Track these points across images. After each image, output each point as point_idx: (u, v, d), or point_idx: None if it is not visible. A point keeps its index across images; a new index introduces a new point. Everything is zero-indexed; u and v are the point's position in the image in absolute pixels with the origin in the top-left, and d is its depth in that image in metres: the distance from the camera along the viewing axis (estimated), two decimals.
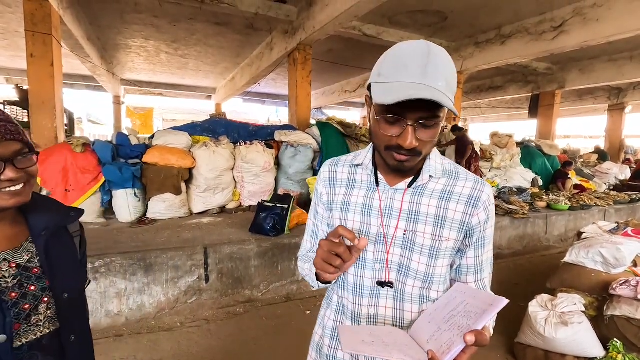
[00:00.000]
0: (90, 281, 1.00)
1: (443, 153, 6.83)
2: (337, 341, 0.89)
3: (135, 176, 3.99)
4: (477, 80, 11.28)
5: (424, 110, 0.67)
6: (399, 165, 0.74)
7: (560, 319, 2.24)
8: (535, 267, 4.53)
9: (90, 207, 3.87)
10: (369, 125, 0.81)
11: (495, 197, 5.63)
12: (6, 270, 0.76)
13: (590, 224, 3.27)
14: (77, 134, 13.58)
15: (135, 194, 4.00)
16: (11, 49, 8.42)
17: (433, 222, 0.79)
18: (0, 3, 5.77)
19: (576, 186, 7.05)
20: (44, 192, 3.76)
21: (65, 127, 5.42)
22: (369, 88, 0.77)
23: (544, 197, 6.00)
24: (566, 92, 10.74)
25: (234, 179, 4.71)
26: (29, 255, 0.80)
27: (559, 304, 2.32)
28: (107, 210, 4.08)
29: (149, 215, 4.11)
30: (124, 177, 3.89)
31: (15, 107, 4.89)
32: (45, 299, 0.79)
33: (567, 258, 2.74)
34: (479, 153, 6.39)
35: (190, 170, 4.38)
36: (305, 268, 0.93)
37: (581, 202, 5.82)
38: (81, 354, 0.87)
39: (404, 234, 0.80)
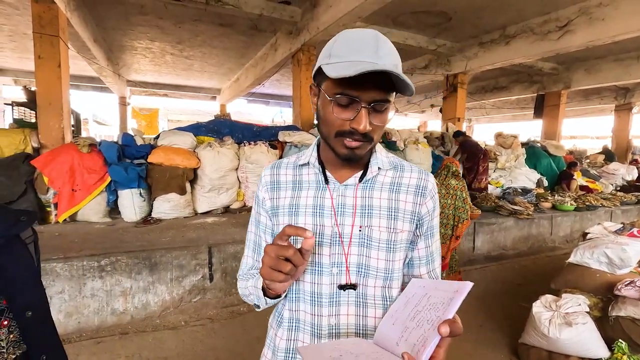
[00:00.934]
0: (44, 289, 0.86)
1: (447, 153, 6.82)
2: None
3: (141, 176, 4.03)
4: (481, 81, 11.22)
5: (377, 92, 0.66)
6: (350, 153, 0.72)
7: (564, 320, 2.24)
8: (539, 268, 4.50)
9: (96, 206, 3.92)
10: (315, 114, 0.77)
11: (500, 198, 5.61)
12: None
13: (596, 224, 3.25)
14: (84, 134, 13.72)
15: (140, 193, 4.04)
16: (19, 51, 8.53)
17: (387, 214, 0.78)
18: (9, 6, 5.85)
19: (582, 187, 7.00)
20: (50, 192, 3.81)
21: (72, 128, 5.49)
22: (315, 76, 0.75)
23: (549, 197, 5.96)
24: (572, 92, 10.65)
25: (238, 179, 4.73)
26: None
27: (563, 304, 2.31)
28: (113, 209, 4.13)
29: (153, 214, 4.14)
30: (129, 177, 3.93)
31: (23, 108, 4.95)
32: (5, 322, 0.69)
33: (572, 258, 2.72)
34: (486, 153, 6.36)
35: (194, 170, 4.42)
36: (249, 285, 0.82)
37: (587, 203, 5.78)
38: None
39: (360, 231, 0.77)
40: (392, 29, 6.66)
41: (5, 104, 9.74)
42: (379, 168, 0.81)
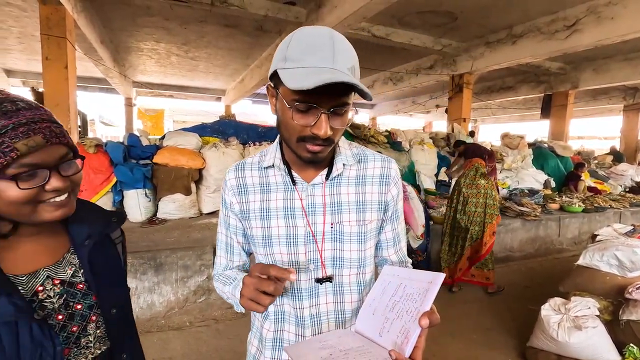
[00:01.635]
0: (129, 289, 0.91)
1: (452, 154, 6.76)
2: (280, 351, 0.84)
3: (146, 176, 4.05)
4: (487, 81, 11.14)
5: (336, 97, 0.66)
6: (313, 157, 0.72)
7: (573, 323, 2.20)
8: (547, 270, 4.44)
9: (101, 206, 3.94)
10: (276, 117, 0.76)
11: (506, 199, 5.55)
12: (50, 288, 0.67)
13: (604, 226, 3.20)
14: (90, 135, 13.84)
15: (145, 194, 4.06)
16: (27, 52, 8.63)
17: (355, 208, 0.80)
18: (17, 8, 5.92)
19: (590, 188, 6.91)
20: None
21: (79, 129, 5.54)
22: (271, 78, 0.72)
23: (557, 199, 5.90)
24: (580, 92, 10.53)
25: None
26: (72, 269, 0.71)
27: (572, 307, 2.27)
28: (118, 209, 4.15)
29: (159, 215, 4.16)
30: (135, 177, 3.95)
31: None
32: (93, 318, 0.71)
33: (581, 261, 2.68)
34: (492, 154, 6.30)
35: (200, 170, 4.42)
36: (226, 291, 0.84)
37: (595, 204, 5.70)
38: None
39: (332, 227, 0.80)
40: (398, 29, 6.64)
41: None
42: (343, 164, 0.82)
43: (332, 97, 0.66)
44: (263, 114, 20.99)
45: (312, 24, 5.75)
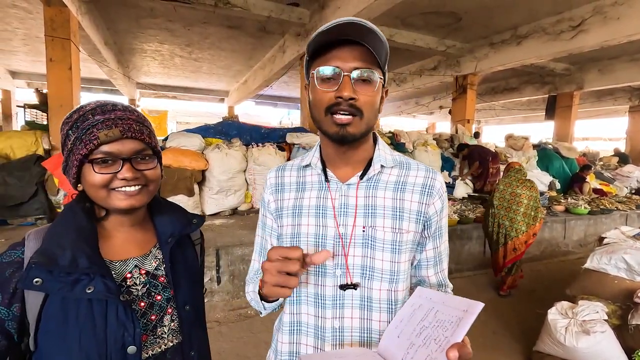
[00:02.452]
0: (206, 290, 0.97)
1: (456, 155, 6.73)
2: None
3: None
4: (491, 82, 11.09)
5: (358, 62, 0.66)
6: (342, 131, 0.69)
7: (581, 328, 2.16)
8: (553, 273, 4.40)
9: None
10: (308, 104, 0.77)
11: None
12: (137, 277, 0.74)
13: (611, 228, 3.16)
14: None
15: None
16: (32, 54, 8.68)
17: (391, 214, 0.75)
18: (22, 10, 5.95)
19: (596, 190, 6.84)
20: (61, 193, 3.85)
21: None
22: (307, 76, 0.74)
23: (562, 200, 5.84)
24: (585, 93, 10.45)
25: (246, 181, 4.73)
26: (157, 263, 0.78)
27: (579, 311, 2.24)
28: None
29: None
30: None
31: (35, 110, 5.02)
32: (170, 310, 0.76)
33: (588, 264, 2.64)
34: (496, 155, 6.28)
35: (203, 172, 4.42)
36: (250, 291, 0.83)
37: (601, 206, 5.64)
38: None
39: (363, 231, 0.75)
40: (401, 30, 6.62)
41: (17, 106, 9.92)
42: (382, 166, 0.79)
43: (353, 60, 0.66)
44: (266, 115, 21.07)
45: (315, 25, 5.77)
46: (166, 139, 4.70)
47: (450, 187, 5.99)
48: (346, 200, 0.77)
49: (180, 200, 4.16)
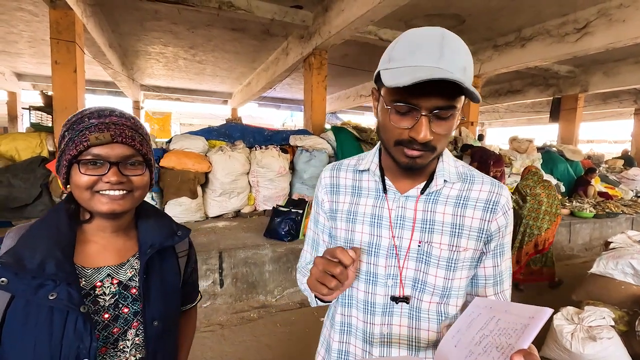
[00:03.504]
0: (201, 297, 0.95)
1: (460, 157, 6.71)
2: None
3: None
4: (495, 84, 11.05)
5: (439, 98, 0.61)
6: (411, 162, 0.67)
7: (587, 334, 2.13)
8: (558, 277, 4.35)
9: None
10: (376, 119, 0.74)
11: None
12: (107, 286, 0.72)
13: (617, 232, 3.13)
14: None
15: (152, 197, 4.06)
16: (37, 56, 8.75)
17: (450, 231, 0.72)
18: (28, 12, 6.00)
19: (601, 193, 6.78)
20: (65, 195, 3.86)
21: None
22: (376, 80, 0.70)
23: (567, 204, 5.79)
24: (589, 96, 10.39)
25: (249, 184, 4.73)
26: (132, 273, 0.76)
27: (586, 317, 2.21)
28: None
29: None
30: None
31: (40, 112, 5.05)
32: (135, 324, 0.74)
33: (595, 269, 2.61)
34: (500, 158, 6.24)
35: (206, 174, 4.42)
36: (304, 282, 0.84)
37: (607, 210, 5.59)
38: None
39: (419, 246, 0.73)
40: None
41: (23, 108, 10.00)
42: (444, 181, 0.75)
43: (434, 97, 0.61)
44: (269, 117, 21.11)
45: (319, 28, 5.77)
46: (170, 141, 4.71)
47: None
48: (403, 213, 0.75)
49: (183, 202, 4.17)
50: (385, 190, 0.77)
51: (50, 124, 4.89)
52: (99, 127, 0.68)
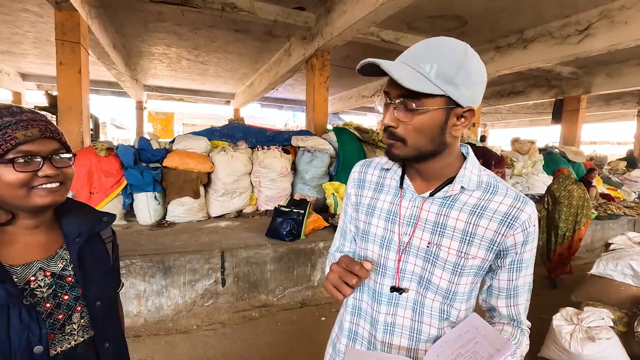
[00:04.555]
0: (123, 284, 1.01)
1: None
2: (353, 341, 0.89)
3: (156, 180, 4.09)
4: (497, 85, 11.04)
5: (398, 89, 0.69)
6: (388, 149, 0.75)
7: (586, 334, 2.15)
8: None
9: (112, 209, 3.99)
10: None
11: None
12: (42, 279, 0.75)
13: (618, 234, 3.14)
14: (102, 138, 14.05)
15: (155, 197, 4.10)
16: (42, 57, 8.82)
17: (460, 237, 0.74)
18: (33, 14, 6.06)
19: (603, 195, 6.77)
20: (69, 194, 3.90)
21: (91, 132, 5.62)
22: None
23: None
24: (592, 97, 10.36)
25: (251, 184, 4.75)
26: (63, 263, 0.79)
27: (585, 318, 2.22)
28: (128, 212, 4.19)
29: (168, 218, 4.19)
30: (145, 180, 3.99)
31: (44, 112, 5.10)
32: (79, 308, 0.79)
33: (594, 270, 2.62)
34: (502, 159, 6.24)
35: (208, 174, 4.46)
36: (327, 271, 0.91)
37: (609, 212, 5.58)
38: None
39: (428, 247, 0.76)
40: (407, 34, 6.62)
41: None
42: (462, 187, 0.76)
43: (395, 88, 0.69)
44: (271, 117, 21.15)
45: (321, 29, 5.80)
46: (173, 141, 4.74)
47: None
48: (417, 212, 0.78)
49: (186, 202, 4.20)
50: (402, 188, 0.82)
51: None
52: (22, 125, 0.69)
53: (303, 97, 10.31)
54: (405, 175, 0.82)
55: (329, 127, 6.42)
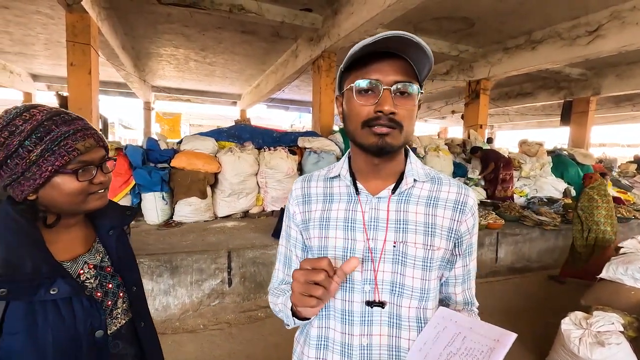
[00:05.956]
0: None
1: (468, 161, 6.68)
2: None
3: (164, 180, 4.13)
4: (505, 87, 10.96)
5: (397, 74, 0.65)
6: (381, 142, 0.67)
7: (596, 339, 2.12)
8: (567, 281, 4.31)
9: None
10: (341, 118, 0.76)
11: (524, 208, 5.43)
12: (87, 272, 0.81)
13: (628, 238, 3.09)
14: (110, 138, 14.21)
15: (163, 197, 4.14)
16: (53, 58, 8.95)
17: (423, 230, 0.73)
18: (45, 16, 6.16)
19: (613, 198, 6.67)
20: None
21: (100, 132, 5.70)
22: (339, 88, 0.75)
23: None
24: (601, 99, 10.23)
25: (258, 184, 4.78)
26: (100, 256, 0.86)
27: (594, 322, 2.20)
28: (136, 212, 4.24)
29: (175, 218, 4.23)
30: (153, 180, 4.03)
31: None
32: (121, 294, 0.87)
33: (604, 274, 2.59)
34: (509, 161, 6.20)
35: (215, 175, 4.49)
36: (279, 303, 0.80)
37: (618, 215, 5.50)
38: (150, 337, 0.95)
39: (394, 247, 0.72)
40: (414, 35, 6.60)
41: None
42: (414, 180, 0.76)
43: (392, 73, 0.65)
44: (277, 118, 21.25)
45: (328, 31, 5.80)
46: (180, 141, 4.79)
47: None
48: (377, 214, 0.75)
49: (193, 202, 4.23)
50: (357, 192, 0.77)
51: None
52: (80, 135, 0.73)
53: (309, 98, 10.34)
54: (357, 180, 0.78)
55: (335, 128, 6.43)
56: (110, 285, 0.84)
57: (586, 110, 9.35)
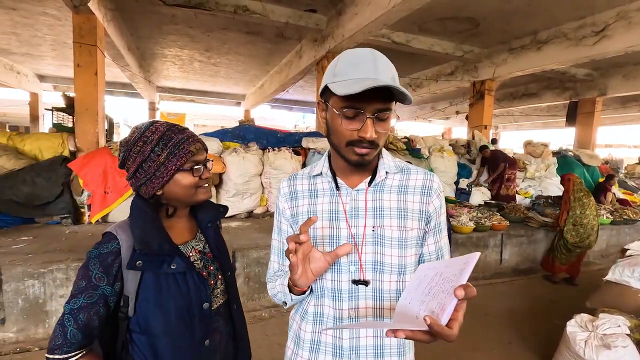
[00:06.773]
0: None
1: (473, 162, 6.66)
2: (316, 353, 0.89)
3: None
4: (510, 87, 10.91)
5: (378, 103, 0.74)
6: (360, 159, 0.79)
7: (601, 341, 2.11)
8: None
9: (126, 208, 4.03)
10: (325, 127, 0.86)
11: (529, 209, 5.40)
12: (194, 255, 0.98)
13: (634, 239, 3.07)
14: (115, 138, 14.27)
15: None
16: (59, 59, 9.04)
17: (397, 214, 0.84)
18: (52, 17, 6.22)
19: (620, 200, 6.62)
20: (85, 194, 3.99)
21: (106, 132, 5.73)
22: (322, 94, 0.83)
23: None
24: (608, 99, 10.15)
25: (262, 185, 4.79)
26: (202, 243, 1.03)
27: (600, 324, 2.18)
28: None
29: None
30: None
31: (62, 113, 5.22)
32: (220, 277, 1.02)
33: (610, 276, 2.57)
34: (514, 162, 6.18)
35: (220, 175, 4.51)
36: (277, 284, 0.91)
37: (625, 217, 5.46)
38: (241, 319, 1.09)
39: (373, 230, 0.84)
40: (418, 36, 6.60)
41: (45, 109, 10.33)
42: (386, 172, 0.88)
43: (375, 102, 0.74)
44: (281, 119, 21.25)
45: (332, 31, 5.81)
46: None
47: (466, 194, 5.91)
48: (356, 204, 0.86)
49: None
50: (338, 187, 0.88)
51: (70, 125, 5.05)
52: (190, 140, 0.91)
53: (313, 98, 10.35)
54: (337, 176, 0.89)
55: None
56: (211, 267, 1.00)
57: (592, 111, 9.28)
